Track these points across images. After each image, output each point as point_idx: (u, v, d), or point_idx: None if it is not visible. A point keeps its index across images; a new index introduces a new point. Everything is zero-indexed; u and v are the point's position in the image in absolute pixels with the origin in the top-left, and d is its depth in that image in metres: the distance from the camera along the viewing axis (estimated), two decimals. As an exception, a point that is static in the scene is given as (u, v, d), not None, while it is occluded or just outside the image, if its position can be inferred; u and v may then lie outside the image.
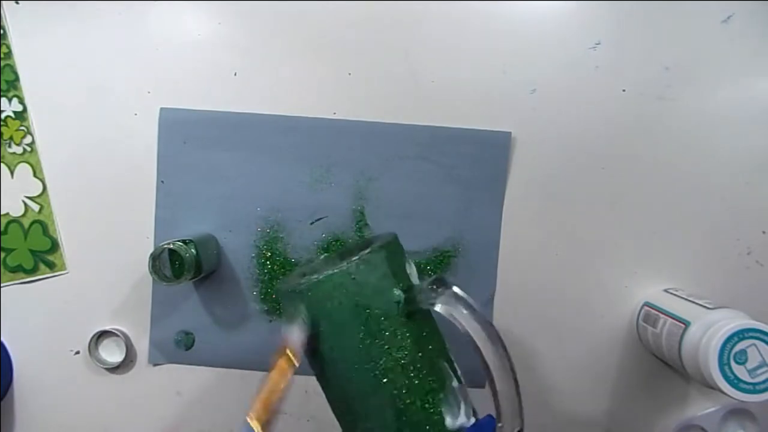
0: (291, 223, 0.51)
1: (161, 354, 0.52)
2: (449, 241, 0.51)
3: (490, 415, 0.36)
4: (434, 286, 0.34)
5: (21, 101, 0.52)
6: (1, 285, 0.52)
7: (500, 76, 0.51)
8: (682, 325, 0.43)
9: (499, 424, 0.34)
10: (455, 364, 0.38)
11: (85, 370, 0.52)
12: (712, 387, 0.40)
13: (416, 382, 0.35)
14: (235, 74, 0.51)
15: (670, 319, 0.45)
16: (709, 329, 0.41)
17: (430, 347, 0.36)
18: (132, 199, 0.52)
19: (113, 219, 0.52)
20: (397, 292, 0.36)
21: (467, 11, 0.50)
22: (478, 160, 0.50)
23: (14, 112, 0.52)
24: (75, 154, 0.52)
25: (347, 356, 0.36)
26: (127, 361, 0.52)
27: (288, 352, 0.35)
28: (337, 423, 0.53)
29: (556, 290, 0.51)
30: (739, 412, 0.50)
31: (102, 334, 0.52)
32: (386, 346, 0.35)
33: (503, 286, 0.51)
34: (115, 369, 0.52)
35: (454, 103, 0.51)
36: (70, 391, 0.52)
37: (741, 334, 0.39)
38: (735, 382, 0.39)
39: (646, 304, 0.49)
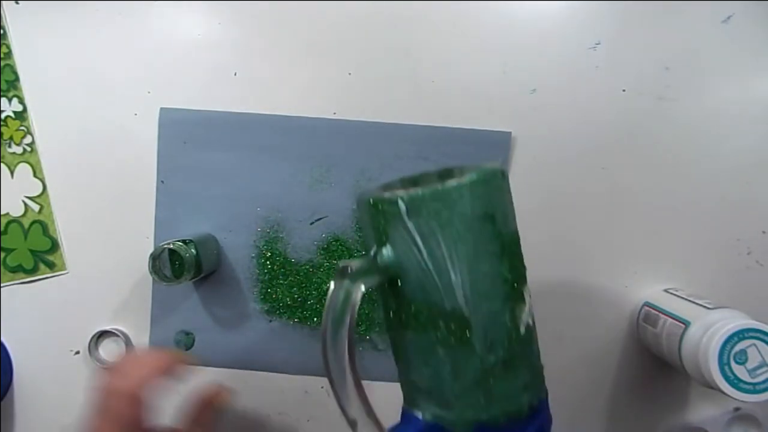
0: (291, 223, 0.51)
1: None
2: (449, 241, 0.51)
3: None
4: None
5: (21, 101, 0.52)
6: (1, 285, 0.52)
7: (500, 76, 0.51)
8: (682, 325, 0.43)
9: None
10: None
11: (85, 370, 0.52)
12: (712, 387, 0.40)
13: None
14: (235, 74, 0.51)
15: (670, 319, 0.45)
16: (709, 329, 0.41)
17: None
18: (132, 199, 0.52)
19: (113, 219, 0.52)
20: None
21: (467, 11, 0.50)
22: (478, 160, 0.50)
23: (14, 112, 0.52)
24: (75, 154, 0.52)
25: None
26: (127, 361, 0.52)
27: None
28: (336, 422, 0.53)
29: (556, 290, 0.51)
30: (744, 418, 0.50)
31: (102, 334, 0.52)
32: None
33: (503, 286, 0.51)
34: (115, 369, 0.52)
35: (454, 103, 0.51)
36: (70, 391, 0.52)
37: (741, 334, 0.39)
38: (735, 382, 0.39)
39: (646, 304, 0.49)
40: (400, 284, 0.31)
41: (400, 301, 0.32)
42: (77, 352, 0.53)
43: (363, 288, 0.30)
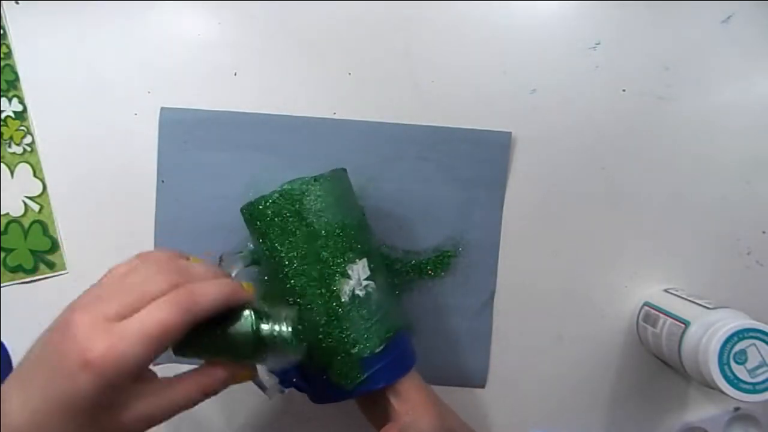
0: (291, 223, 0.51)
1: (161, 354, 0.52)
2: (449, 241, 0.51)
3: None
4: None
5: (21, 101, 0.52)
6: (1, 285, 0.52)
7: (500, 76, 0.51)
8: (682, 325, 0.43)
9: None
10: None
11: (85, 370, 0.52)
12: (712, 387, 0.40)
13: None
14: (235, 74, 0.51)
15: (670, 319, 0.45)
16: (708, 329, 0.41)
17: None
18: (132, 199, 0.52)
19: (113, 219, 0.52)
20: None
21: (467, 11, 0.50)
22: (478, 160, 0.50)
23: (14, 112, 0.52)
24: (75, 154, 0.52)
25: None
26: (127, 361, 0.52)
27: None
28: (336, 422, 0.53)
29: (555, 290, 0.51)
30: (744, 418, 0.50)
31: (102, 334, 0.52)
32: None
33: (503, 286, 0.51)
34: (115, 369, 0.52)
35: (454, 103, 0.51)
36: (70, 391, 0.52)
37: (741, 334, 0.39)
38: (735, 382, 0.39)
39: (646, 304, 0.49)
40: (261, 265, 0.43)
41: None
42: (77, 352, 0.53)
43: (235, 270, 0.42)
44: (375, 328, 0.40)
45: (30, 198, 0.52)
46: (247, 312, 0.34)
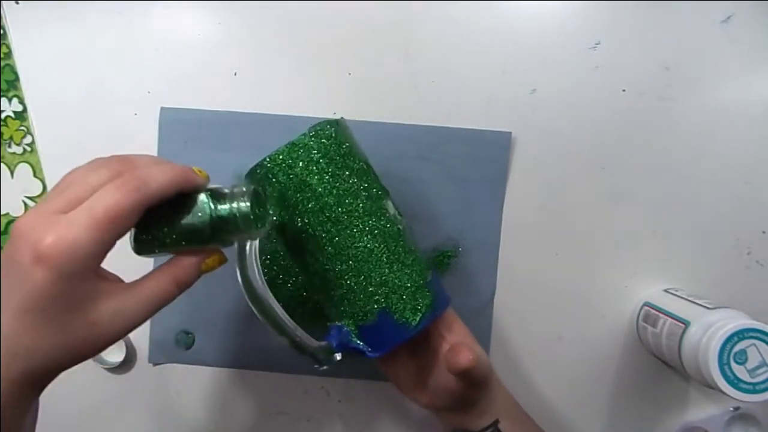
0: (291, 223, 0.51)
1: (161, 354, 0.52)
2: (449, 241, 0.51)
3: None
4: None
5: (21, 101, 0.52)
6: (2, 285, 0.52)
7: (500, 76, 0.51)
8: (682, 325, 0.43)
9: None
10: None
11: (85, 370, 0.52)
12: (712, 387, 0.40)
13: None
14: (235, 74, 0.51)
15: (670, 319, 0.45)
16: (709, 329, 0.41)
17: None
18: (132, 199, 0.52)
19: (113, 219, 0.52)
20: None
21: (467, 11, 0.50)
22: (478, 160, 0.50)
23: (14, 112, 0.52)
24: (75, 154, 0.51)
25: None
26: (127, 361, 0.52)
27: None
28: (336, 422, 0.53)
29: (556, 290, 0.51)
30: (744, 418, 0.50)
31: (102, 334, 0.52)
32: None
33: (503, 286, 0.51)
34: (115, 369, 0.52)
35: (454, 103, 0.51)
36: (70, 391, 0.52)
37: (741, 334, 0.40)
38: (735, 382, 0.39)
39: (646, 304, 0.49)
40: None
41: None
42: (77, 352, 0.53)
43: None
44: (421, 258, 0.41)
45: (30, 198, 0.52)
46: (202, 195, 0.34)
